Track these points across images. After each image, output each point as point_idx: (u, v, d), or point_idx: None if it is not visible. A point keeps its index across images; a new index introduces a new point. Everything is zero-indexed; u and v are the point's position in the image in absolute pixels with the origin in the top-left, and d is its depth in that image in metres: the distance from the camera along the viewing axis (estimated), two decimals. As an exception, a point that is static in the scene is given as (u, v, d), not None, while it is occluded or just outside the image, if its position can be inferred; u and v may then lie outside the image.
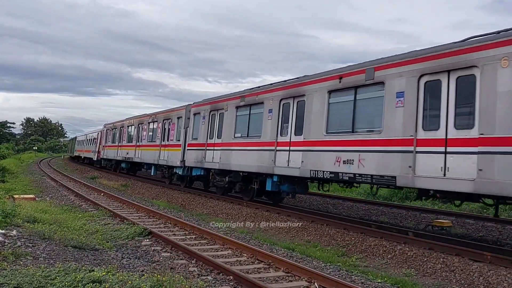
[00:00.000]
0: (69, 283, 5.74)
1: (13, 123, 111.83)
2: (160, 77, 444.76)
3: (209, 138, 18.26)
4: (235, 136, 16.44)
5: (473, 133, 8.54)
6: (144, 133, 27.04)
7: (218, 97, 18.43)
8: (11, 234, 8.93)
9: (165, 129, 23.57)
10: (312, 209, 16.18)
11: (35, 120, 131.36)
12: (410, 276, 8.38)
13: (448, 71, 9.15)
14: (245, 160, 15.52)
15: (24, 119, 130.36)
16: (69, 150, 76.42)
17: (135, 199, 18.84)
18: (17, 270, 6.29)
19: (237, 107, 16.59)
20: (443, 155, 9.02)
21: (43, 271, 6.24)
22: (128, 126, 31.26)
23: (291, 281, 7.52)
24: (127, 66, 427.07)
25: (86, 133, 53.11)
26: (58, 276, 6.06)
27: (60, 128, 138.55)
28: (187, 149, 20.11)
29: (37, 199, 17.13)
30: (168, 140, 22.91)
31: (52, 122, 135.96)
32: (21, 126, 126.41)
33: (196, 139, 19.32)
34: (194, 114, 20.03)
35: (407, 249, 9.61)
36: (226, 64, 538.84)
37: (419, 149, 9.51)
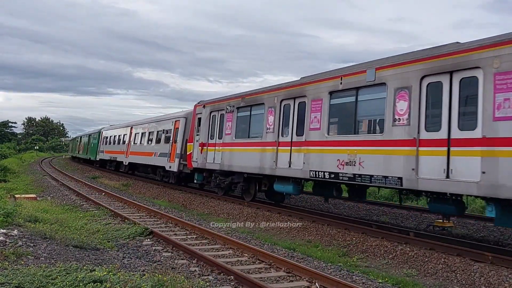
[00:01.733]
0: (70, 283, 5.74)
1: (15, 123, 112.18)
2: (161, 77, 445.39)
3: None
4: None
5: None
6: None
7: None
8: (12, 234, 8.94)
9: None
10: (313, 209, 16.16)
11: (37, 120, 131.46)
12: (411, 276, 8.38)
13: None
14: None
15: (26, 118, 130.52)
16: (77, 150, 53.60)
17: (136, 199, 18.85)
18: (18, 269, 6.29)
19: None
20: None
21: (44, 271, 6.25)
22: (345, 91, 11.55)
23: (292, 281, 7.52)
24: (128, 65, 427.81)
25: (132, 123, 31.53)
26: (59, 275, 6.07)
27: (61, 128, 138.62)
28: None
29: (38, 198, 17.17)
30: None
31: (53, 121, 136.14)
32: (22, 126, 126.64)
33: None
34: None
35: (408, 249, 9.61)
36: (226, 64, 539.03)
37: None
